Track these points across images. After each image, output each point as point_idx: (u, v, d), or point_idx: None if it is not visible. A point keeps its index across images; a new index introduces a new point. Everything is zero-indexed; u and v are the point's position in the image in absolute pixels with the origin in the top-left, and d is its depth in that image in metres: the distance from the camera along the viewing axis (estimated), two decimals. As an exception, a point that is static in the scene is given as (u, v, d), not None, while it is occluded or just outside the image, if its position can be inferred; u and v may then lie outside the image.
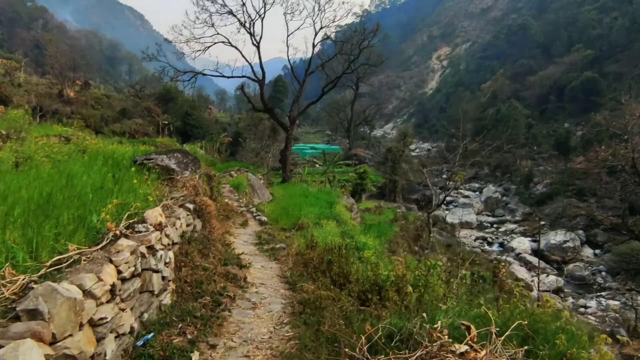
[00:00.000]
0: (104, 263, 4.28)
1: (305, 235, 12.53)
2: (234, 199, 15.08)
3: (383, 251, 13.51)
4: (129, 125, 51.74)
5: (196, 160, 9.28)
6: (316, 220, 14.55)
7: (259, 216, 14.38)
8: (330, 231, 12.40)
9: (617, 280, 35.22)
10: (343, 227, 14.57)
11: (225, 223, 11.48)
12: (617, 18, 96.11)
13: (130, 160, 8.21)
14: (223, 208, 12.43)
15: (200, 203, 8.12)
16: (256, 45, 27.33)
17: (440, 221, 44.57)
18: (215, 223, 8.98)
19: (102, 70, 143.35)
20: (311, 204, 16.39)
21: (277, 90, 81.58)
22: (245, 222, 13.14)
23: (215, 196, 11.00)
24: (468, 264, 22.57)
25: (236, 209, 14.16)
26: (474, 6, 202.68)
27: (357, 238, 12.85)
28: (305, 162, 53.92)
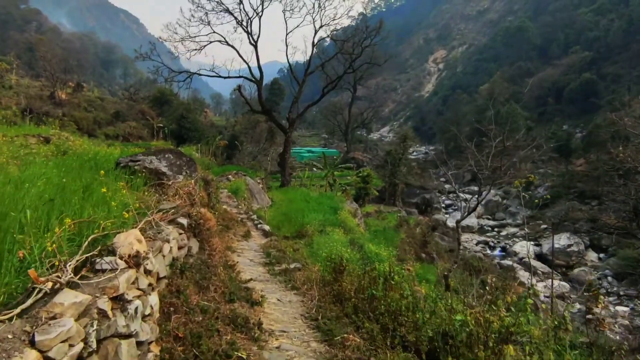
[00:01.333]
0: (16, 349, 2.43)
1: (310, 244, 11.57)
2: (232, 205, 13.97)
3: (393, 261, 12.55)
4: (122, 128, 50.80)
5: (192, 162, 8.10)
6: (320, 227, 13.59)
7: (261, 224, 13.25)
8: (338, 240, 11.43)
9: (624, 285, 34.41)
10: (350, 235, 13.63)
11: (225, 235, 10.19)
12: (613, 20, 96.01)
13: (115, 163, 7.08)
14: (222, 216, 11.23)
15: (197, 216, 6.59)
16: (253, 44, 26.39)
17: (441, 225, 43.67)
18: (216, 242, 7.35)
19: (97, 73, 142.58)
20: (314, 210, 15.42)
21: (274, 93, 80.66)
22: (248, 233, 11.79)
23: (213, 204, 9.90)
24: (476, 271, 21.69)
25: (236, 217, 12.88)
26: (470, 9, 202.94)
27: (367, 247, 11.91)
28: (302, 165, 52.96)
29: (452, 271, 14.29)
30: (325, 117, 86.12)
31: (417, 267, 17.52)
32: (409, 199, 50.57)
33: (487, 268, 22.75)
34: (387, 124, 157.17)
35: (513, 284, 16.50)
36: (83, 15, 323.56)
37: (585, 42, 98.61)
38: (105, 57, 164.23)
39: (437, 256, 21.25)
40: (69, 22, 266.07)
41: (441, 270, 18.11)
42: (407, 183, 48.81)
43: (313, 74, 32.32)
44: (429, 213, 49.59)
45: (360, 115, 75.75)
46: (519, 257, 39.83)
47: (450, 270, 13.85)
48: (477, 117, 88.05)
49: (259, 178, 23.43)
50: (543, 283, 33.94)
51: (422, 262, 18.94)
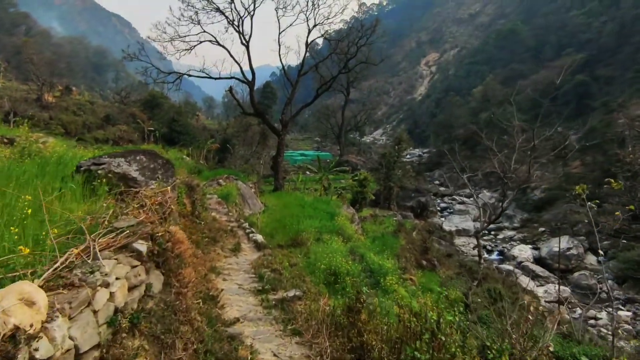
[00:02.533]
0: None
1: (307, 255, 10.64)
2: (222, 212, 12.90)
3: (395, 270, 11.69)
4: (113, 132, 49.88)
5: (168, 165, 6.91)
6: (317, 234, 12.68)
7: (253, 234, 11.97)
8: (337, 249, 10.54)
9: (624, 289, 33.79)
10: (350, 243, 12.75)
11: (211, 250, 8.98)
12: (606, 22, 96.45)
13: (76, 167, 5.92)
14: (209, 227, 10.01)
15: (164, 238, 5.07)
16: (245, 44, 25.49)
17: (437, 229, 42.91)
18: (189, 273, 5.53)
19: (88, 77, 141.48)
20: (309, 216, 14.48)
21: (266, 96, 79.93)
22: (238, 246, 10.43)
23: (199, 212, 8.90)
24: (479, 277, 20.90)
25: (225, 226, 11.75)
26: (462, 12, 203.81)
27: (369, 257, 11.05)
28: (296, 169, 52.09)
29: (472, 289, 13.40)
30: (318, 120, 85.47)
31: (419, 275, 16.71)
32: (404, 202, 49.77)
33: (492, 276, 21.93)
34: (380, 126, 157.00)
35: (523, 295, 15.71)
36: (74, 19, 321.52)
37: (578, 44, 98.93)
38: (97, 61, 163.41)
39: (438, 263, 20.47)
40: (59, 26, 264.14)
41: (444, 279, 17.32)
42: (402, 186, 48.04)
43: (306, 76, 31.49)
44: (424, 217, 48.79)
45: (354, 118, 75.12)
46: (517, 261, 39.13)
47: (470, 288, 12.98)
48: (471, 119, 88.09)
49: (252, 182, 22.49)
50: (543, 288, 33.27)
51: (423, 269, 18.13)
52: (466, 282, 16.78)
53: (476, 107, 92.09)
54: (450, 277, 18.76)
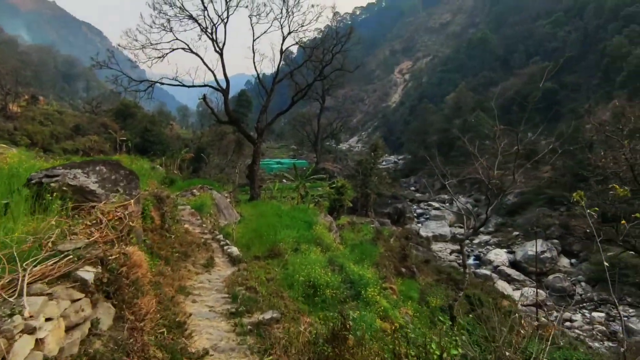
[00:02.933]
0: None
1: (285, 266, 10.27)
2: (196, 224, 12.33)
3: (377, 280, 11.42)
4: (83, 142, 48.63)
5: (132, 176, 6.31)
6: (295, 244, 12.32)
7: (228, 247, 11.32)
8: (316, 260, 10.19)
9: (597, 290, 34.49)
10: (328, 253, 12.43)
11: (182, 267, 8.24)
12: (570, 32, 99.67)
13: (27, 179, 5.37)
14: (180, 240, 9.35)
15: (117, 263, 4.33)
16: (219, 52, 25.08)
17: (414, 235, 43.04)
18: (148, 302, 4.74)
19: (58, 87, 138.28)
20: (287, 225, 14.11)
21: (241, 104, 79.44)
22: (211, 261, 9.68)
23: (169, 225, 8.39)
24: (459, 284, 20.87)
25: (198, 239, 11.05)
26: (433, 21, 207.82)
27: (348, 267, 10.75)
28: (272, 177, 51.64)
29: (457, 300, 13.21)
30: (294, 128, 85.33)
31: (398, 283, 16.52)
32: (381, 209, 49.93)
33: (471, 282, 21.92)
34: (355, 134, 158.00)
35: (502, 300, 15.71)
36: (42, 27, 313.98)
37: (545, 52, 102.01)
38: (67, 71, 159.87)
39: (417, 270, 20.37)
40: (27, 34, 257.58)
41: (424, 286, 17.19)
42: (379, 193, 48.17)
43: (282, 84, 31.23)
44: (402, 223, 48.98)
45: (330, 125, 75.24)
46: (493, 266, 39.56)
47: (455, 299, 12.79)
48: (444, 126, 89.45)
49: (227, 192, 22.00)
50: (520, 291, 33.62)
51: (402, 277, 17.97)
52: (445, 289, 16.70)
53: (449, 113, 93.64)
54: (429, 284, 18.67)
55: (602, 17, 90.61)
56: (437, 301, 12.12)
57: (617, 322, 29.72)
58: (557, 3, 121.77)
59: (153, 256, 7.29)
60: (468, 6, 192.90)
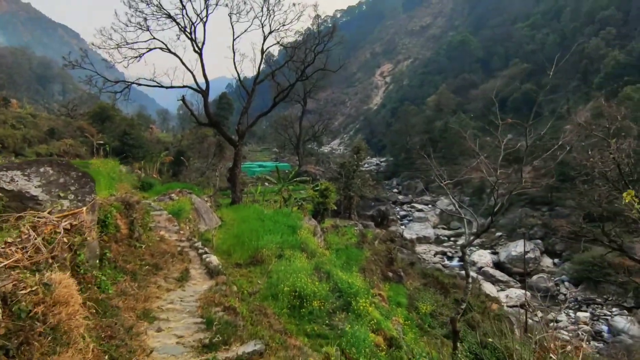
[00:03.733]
0: None
1: (268, 274, 9.64)
2: (172, 231, 11.42)
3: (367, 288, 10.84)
4: (57, 146, 47.16)
5: (86, 179, 5.44)
6: (278, 251, 11.68)
7: (207, 255, 10.08)
8: (301, 268, 9.57)
9: (580, 290, 34.63)
10: (314, 260, 11.82)
11: (151, 283, 7.18)
12: (548, 34, 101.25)
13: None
14: (152, 250, 8.34)
15: (35, 299, 3.17)
16: (198, 52, 24.26)
17: (398, 237, 42.73)
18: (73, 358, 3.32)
19: (32, 89, 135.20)
20: (270, 230, 13.43)
21: (222, 107, 78.37)
22: (186, 273, 8.52)
23: (139, 234, 7.64)
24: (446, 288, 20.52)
25: (174, 247, 9.91)
26: (413, 24, 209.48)
27: (336, 275, 10.17)
28: (254, 180, 50.75)
29: (460, 314, 12.65)
30: (276, 131, 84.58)
31: (386, 288, 16.02)
32: (364, 211, 49.52)
33: (458, 285, 21.57)
34: (337, 136, 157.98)
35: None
36: (17, 29, 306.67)
37: (524, 54, 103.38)
38: (42, 73, 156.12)
39: (404, 273, 19.91)
40: (2, 36, 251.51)
41: (412, 290, 16.71)
42: (362, 195, 47.72)
43: (263, 86, 30.52)
44: (385, 225, 48.65)
45: (312, 128, 74.70)
46: (477, 267, 39.48)
47: (458, 313, 12.27)
48: (426, 127, 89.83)
49: (207, 195, 21.23)
50: (505, 292, 33.55)
51: (389, 281, 17.50)
52: (434, 294, 16.27)
53: (431, 115, 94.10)
54: (417, 288, 18.24)
55: (578, 20, 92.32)
56: (427, 307, 11.64)
57: (602, 321, 29.84)
58: (534, 6, 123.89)
59: (117, 271, 6.61)
60: (448, 9, 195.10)
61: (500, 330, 16.64)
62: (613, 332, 28.17)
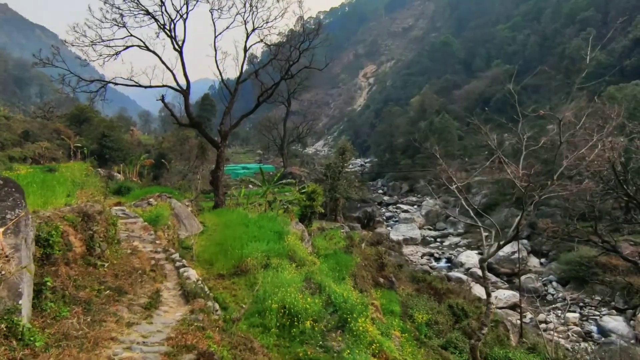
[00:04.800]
0: None
1: (253, 286, 8.78)
2: (148, 240, 10.04)
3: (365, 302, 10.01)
4: (32, 149, 45.66)
5: (8, 188, 4.47)
6: (264, 259, 10.80)
7: (185, 270, 8.79)
8: (290, 280, 8.72)
9: (568, 290, 34.48)
10: (304, 269, 10.97)
11: (109, 314, 5.73)
12: (529, 35, 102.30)
13: None
14: (117, 269, 7.04)
15: None
16: (178, 50, 23.30)
17: (385, 239, 42.11)
18: None
19: (8, 91, 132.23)
20: (255, 237, 12.51)
21: (205, 109, 77.10)
22: (156, 297, 6.99)
23: (101, 250, 6.65)
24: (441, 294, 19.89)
25: (147, 261, 8.60)
26: (395, 26, 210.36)
27: (329, 287, 9.36)
28: (237, 183, 49.65)
29: (481, 339, 11.88)
30: (260, 132, 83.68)
31: (378, 295, 15.30)
32: (351, 213, 48.85)
33: (451, 290, 20.97)
34: (321, 138, 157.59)
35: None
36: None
37: (505, 55, 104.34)
38: (18, 75, 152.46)
39: (395, 279, 19.20)
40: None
41: (404, 297, 16.01)
42: (347, 197, 47.05)
43: (246, 87, 29.60)
44: (371, 227, 48.06)
45: (296, 129, 73.93)
46: (465, 268, 39.12)
47: (479, 339, 11.50)
48: (410, 128, 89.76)
49: (188, 200, 20.25)
50: (494, 294, 33.12)
51: (380, 287, 16.79)
52: (427, 300, 15.61)
53: (414, 116, 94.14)
54: (410, 295, 17.57)
55: (558, 21, 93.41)
56: (423, 316, 10.93)
57: (591, 321, 29.64)
58: (515, 8, 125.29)
59: (64, 302, 5.33)
60: (430, 11, 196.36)
61: (497, 336, 16.18)
62: (602, 333, 27.95)
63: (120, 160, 43.30)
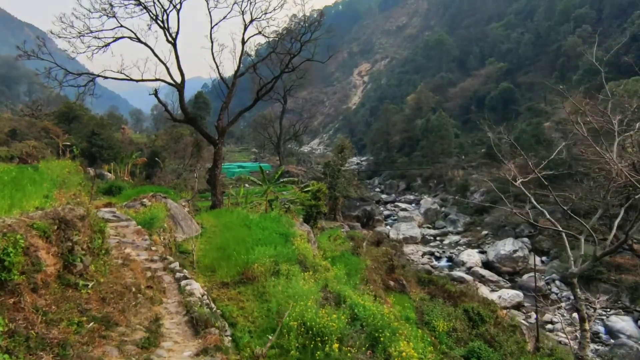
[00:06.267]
0: None
1: (262, 296, 7.80)
2: (142, 247, 8.98)
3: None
4: (19, 148, 44.41)
5: None
6: (273, 265, 9.76)
7: (187, 282, 7.30)
8: (307, 291, 7.70)
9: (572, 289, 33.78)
10: (317, 275, 9.95)
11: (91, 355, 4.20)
12: (523, 34, 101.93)
13: None
14: (103, 292, 5.50)
15: None
16: (172, 42, 22.22)
17: (385, 238, 41.23)
18: None
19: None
20: (259, 240, 11.41)
21: (198, 107, 75.71)
22: (155, 327, 5.51)
23: (84, 266, 5.29)
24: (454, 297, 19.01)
25: (142, 274, 7.07)
26: (389, 24, 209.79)
27: (350, 299, 8.37)
28: (233, 182, 48.58)
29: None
30: (255, 130, 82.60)
31: (391, 300, 14.37)
32: (350, 211, 48.00)
33: (465, 292, 20.07)
34: (317, 136, 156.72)
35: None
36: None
37: (499, 54, 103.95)
38: (6, 73, 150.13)
39: (406, 282, 18.24)
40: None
41: (418, 302, 15.08)
42: (346, 195, 46.18)
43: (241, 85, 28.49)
44: (371, 226, 47.25)
45: (292, 127, 72.88)
46: (467, 267, 38.32)
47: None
48: (406, 126, 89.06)
49: (185, 199, 19.18)
50: (497, 293, 32.41)
51: (392, 291, 15.85)
52: (443, 305, 14.68)
53: (410, 114, 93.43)
54: (423, 299, 16.63)
55: (552, 19, 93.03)
56: (444, 325, 9.99)
57: (597, 321, 28.94)
58: (507, 6, 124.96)
59: (29, 350, 3.79)
60: (423, 9, 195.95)
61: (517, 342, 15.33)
62: (611, 333, 27.28)
63: (111, 159, 42.17)
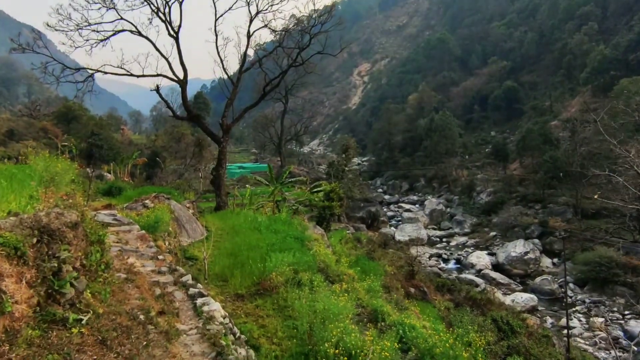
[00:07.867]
0: None
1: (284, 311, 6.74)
2: (147, 255, 7.55)
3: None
4: (17, 148, 43.53)
5: None
6: (291, 274, 8.66)
7: (204, 301, 5.93)
8: (342, 308, 6.63)
9: (586, 292, 32.74)
10: (345, 286, 8.87)
11: None
12: (526, 32, 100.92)
13: None
14: (101, 327, 3.86)
15: None
16: (174, 35, 21.20)
17: (391, 240, 40.20)
18: None
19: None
20: (274, 245, 10.30)
21: (198, 107, 74.62)
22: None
23: (76, 294, 3.79)
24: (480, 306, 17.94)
25: (149, 291, 5.61)
26: (390, 24, 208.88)
27: (388, 315, 7.31)
28: (235, 182, 47.48)
29: None
30: (256, 131, 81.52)
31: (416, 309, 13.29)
32: (354, 213, 46.97)
33: (491, 300, 18.97)
34: (317, 137, 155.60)
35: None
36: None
37: (502, 52, 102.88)
38: (5, 74, 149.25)
39: (427, 289, 17.14)
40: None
41: (443, 311, 13.99)
42: (351, 196, 45.14)
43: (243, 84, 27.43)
44: (376, 227, 46.21)
45: (293, 127, 71.82)
46: (476, 269, 37.25)
47: None
48: (408, 126, 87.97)
49: (188, 201, 18.12)
50: (510, 297, 31.32)
51: (413, 299, 14.79)
52: (470, 314, 13.58)
53: (412, 113, 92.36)
54: (448, 308, 15.54)
55: (556, 17, 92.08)
56: (481, 340, 8.98)
57: (616, 326, 27.90)
58: (509, 5, 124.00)
59: None
60: (423, 8, 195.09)
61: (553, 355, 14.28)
62: (631, 338, 26.15)
63: (110, 159, 41.30)
